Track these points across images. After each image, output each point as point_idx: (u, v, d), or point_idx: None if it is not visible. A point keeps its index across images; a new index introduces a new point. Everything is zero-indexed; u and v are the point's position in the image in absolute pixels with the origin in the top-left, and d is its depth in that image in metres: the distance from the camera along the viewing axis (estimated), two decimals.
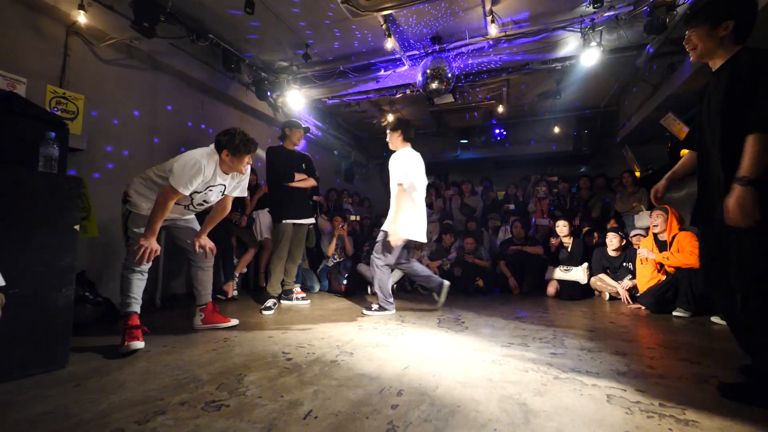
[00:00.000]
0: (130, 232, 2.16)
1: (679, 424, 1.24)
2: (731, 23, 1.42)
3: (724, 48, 1.46)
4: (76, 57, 3.03)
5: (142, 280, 2.16)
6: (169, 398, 1.44)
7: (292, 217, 3.24)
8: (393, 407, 1.36)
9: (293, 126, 3.40)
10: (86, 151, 3.01)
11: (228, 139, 2.13)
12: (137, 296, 2.13)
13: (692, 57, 1.57)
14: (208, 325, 2.51)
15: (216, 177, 2.19)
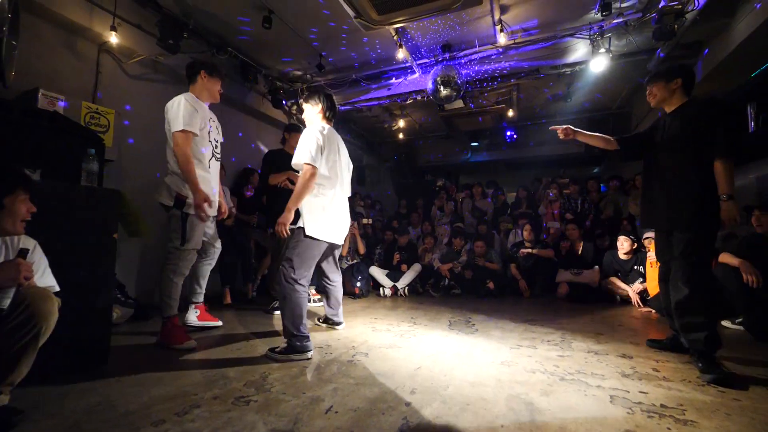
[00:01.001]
0: (187, 235, 2.19)
1: (678, 423, 1.31)
2: (680, 80, 2.02)
3: (676, 97, 2.05)
4: (106, 73, 3.24)
5: (181, 284, 2.28)
6: (202, 393, 1.58)
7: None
8: (407, 404, 1.46)
9: (293, 130, 3.40)
10: (116, 162, 3.21)
11: (197, 63, 2.34)
12: (178, 299, 2.27)
13: (653, 104, 2.16)
14: (201, 322, 2.55)
15: (205, 110, 2.31)
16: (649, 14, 3.18)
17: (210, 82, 2.34)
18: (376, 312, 3.37)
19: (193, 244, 2.25)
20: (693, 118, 1.94)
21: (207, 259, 2.55)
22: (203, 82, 2.33)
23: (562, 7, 3.36)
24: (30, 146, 1.97)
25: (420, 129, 7.34)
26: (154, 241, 3.54)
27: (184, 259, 2.24)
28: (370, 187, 8.15)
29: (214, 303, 3.53)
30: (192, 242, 2.24)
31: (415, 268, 4.57)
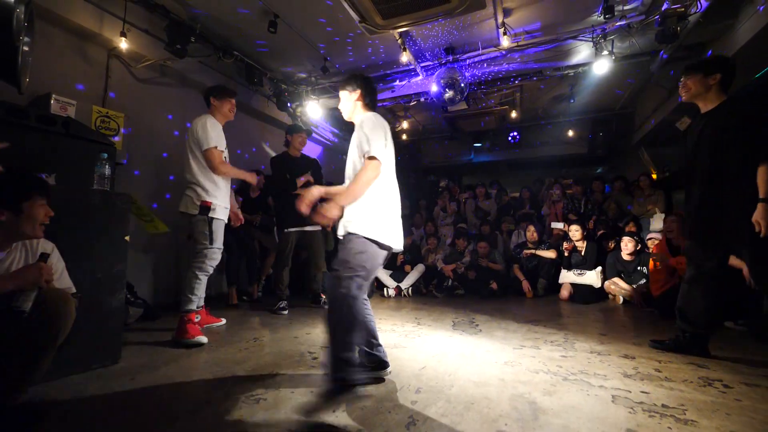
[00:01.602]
0: (214, 236, 2.43)
1: (679, 423, 1.34)
2: (719, 75, 1.89)
3: (712, 94, 1.93)
4: (116, 78, 3.30)
5: (206, 281, 2.48)
6: (213, 391, 1.63)
7: (296, 225, 3.33)
8: (413, 403, 1.50)
9: (294, 131, 3.50)
10: (125, 166, 3.27)
11: (210, 89, 2.64)
12: (199, 295, 2.44)
13: (684, 98, 2.05)
14: (205, 326, 2.67)
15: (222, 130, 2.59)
16: (651, 17, 3.20)
17: (220, 103, 2.60)
18: (380, 312, 3.40)
19: (219, 243, 2.48)
20: (733, 121, 1.81)
21: None
22: (215, 106, 2.60)
23: (564, 10, 3.38)
24: (45, 151, 2.02)
25: (423, 130, 7.37)
26: (163, 242, 3.60)
27: (211, 258, 2.44)
28: None
29: (220, 304, 3.59)
30: (218, 242, 2.46)
31: (418, 268, 4.61)
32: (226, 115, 2.64)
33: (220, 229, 2.48)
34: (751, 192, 1.76)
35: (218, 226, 2.47)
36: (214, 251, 2.45)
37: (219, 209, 2.47)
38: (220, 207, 2.48)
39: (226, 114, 2.64)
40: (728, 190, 1.84)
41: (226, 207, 2.55)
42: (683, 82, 2.02)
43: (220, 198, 2.49)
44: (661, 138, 5.44)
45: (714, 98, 1.93)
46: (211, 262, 2.45)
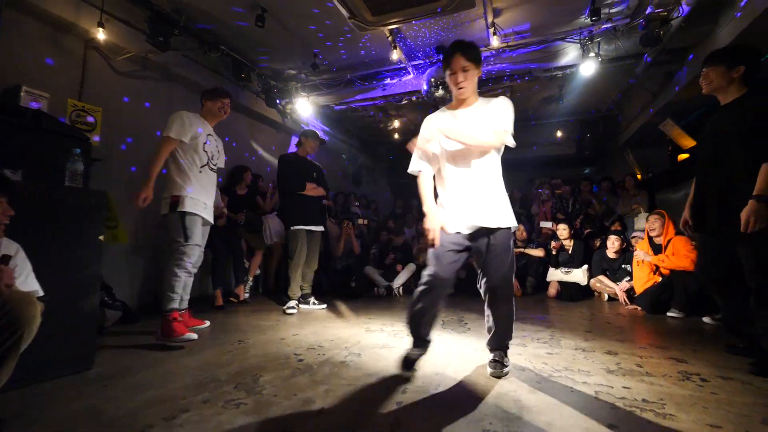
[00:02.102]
0: (188, 232, 2.33)
1: (658, 417, 1.35)
2: (743, 68, 1.78)
3: (734, 87, 1.83)
4: (93, 70, 3.18)
5: (186, 279, 2.40)
6: (191, 397, 1.57)
7: (303, 224, 3.37)
8: (398, 404, 1.48)
9: (309, 136, 3.57)
10: (103, 161, 3.16)
11: (204, 92, 2.63)
12: (180, 294, 2.37)
13: (705, 90, 1.93)
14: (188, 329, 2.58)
15: (207, 127, 2.56)
16: (636, 20, 3.24)
17: (212, 103, 2.57)
18: (370, 312, 3.38)
19: (196, 240, 2.38)
20: (752, 114, 1.73)
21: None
22: (206, 108, 2.58)
23: (553, 12, 3.41)
24: (13, 146, 1.93)
25: (416, 129, 7.29)
26: (145, 243, 3.50)
27: (188, 255, 2.34)
28: (366, 187, 8.14)
29: (205, 306, 3.51)
30: (194, 238, 2.36)
31: (409, 267, 4.59)
32: (216, 114, 2.59)
33: (195, 225, 2.38)
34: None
35: (193, 222, 2.36)
36: (192, 248, 2.35)
37: (191, 203, 2.35)
38: (192, 201, 2.36)
39: (216, 113, 2.58)
40: (739, 184, 1.77)
41: (204, 202, 2.45)
42: (705, 73, 1.90)
43: (193, 192, 2.37)
44: (645, 140, 5.55)
45: (735, 91, 1.83)
46: (190, 259, 2.35)
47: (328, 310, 3.50)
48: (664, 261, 3.26)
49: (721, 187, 1.85)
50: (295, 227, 3.35)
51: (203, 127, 2.51)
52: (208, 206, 2.51)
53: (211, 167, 2.55)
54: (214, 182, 2.58)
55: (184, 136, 2.36)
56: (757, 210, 1.65)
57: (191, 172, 2.39)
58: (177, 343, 2.22)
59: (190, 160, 2.41)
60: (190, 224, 2.34)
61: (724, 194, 1.83)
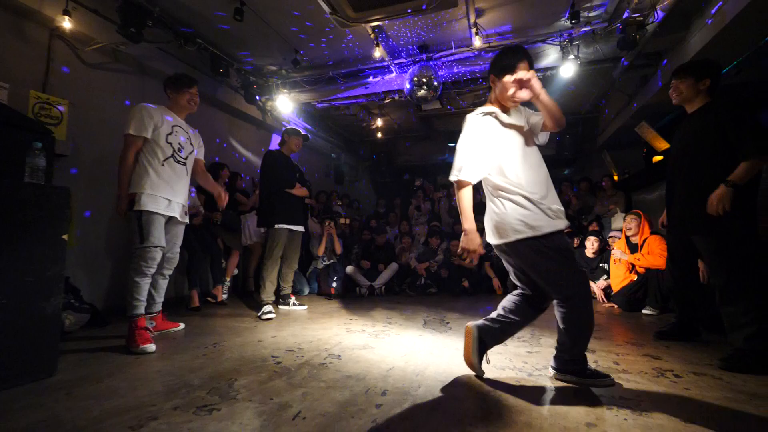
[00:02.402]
0: (144, 233, 2.19)
1: (635, 414, 1.37)
2: (709, 81, 1.99)
3: (700, 97, 2.02)
4: (60, 61, 3.01)
5: (148, 283, 2.27)
6: (161, 404, 1.49)
7: (288, 223, 3.27)
8: (377, 406, 1.44)
9: (292, 133, 3.46)
10: (71, 157, 3.00)
11: (166, 80, 2.45)
12: (144, 298, 2.25)
13: (675, 101, 2.11)
14: (158, 332, 2.49)
15: (172, 118, 2.40)
16: (614, 24, 3.32)
17: (176, 95, 2.43)
18: (351, 312, 3.33)
19: (155, 241, 2.22)
20: (719, 121, 1.89)
21: (160, 269, 2.44)
22: (172, 98, 2.44)
23: (534, 13, 3.45)
24: None
25: (399, 129, 7.35)
26: (117, 243, 3.35)
27: (145, 258, 2.20)
28: (349, 186, 8.08)
29: (180, 307, 3.38)
30: (151, 239, 2.21)
31: (392, 267, 4.57)
32: (185, 106, 2.44)
33: (153, 225, 2.22)
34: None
35: (150, 221, 2.21)
36: (148, 250, 2.20)
37: (148, 200, 2.20)
38: (150, 197, 2.21)
39: (185, 106, 2.44)
40: (705, 182, 1.91)
41: (166, 198, 2.28)
42: (675, 85, 2.08)
43: (152, 188, 2.22)
44: (622, 141, 5.71)
45: (700, 101, 2.03)
46: (148, 262, 2.21)
47: (308, 310, 3.44)
48: (640, 260, 3.35)
49: (688, 186, 2.01)
50: (279, 225, 3.23)
51: (168, 118, 2.36)
52: (174, 202, 2.34)
53: (177, 159, 2.36)
54: (182, 176, 2.40)
55: (145, 131, 2.22)
56: (725, 193, 1.79)
57: (151, 167, 2.24)
58: (135, 353, 2.09)
59: (150, 154, 2.26)
60: (147, 224, 2.19)
61: (691, 193, 1.98)
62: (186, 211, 2.50)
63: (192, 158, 2.52)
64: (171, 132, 2.35)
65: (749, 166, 1.79)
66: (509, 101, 1.65)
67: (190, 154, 2.48)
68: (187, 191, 2.48)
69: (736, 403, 1.45)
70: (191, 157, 2.51)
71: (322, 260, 4.51)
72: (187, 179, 2.47)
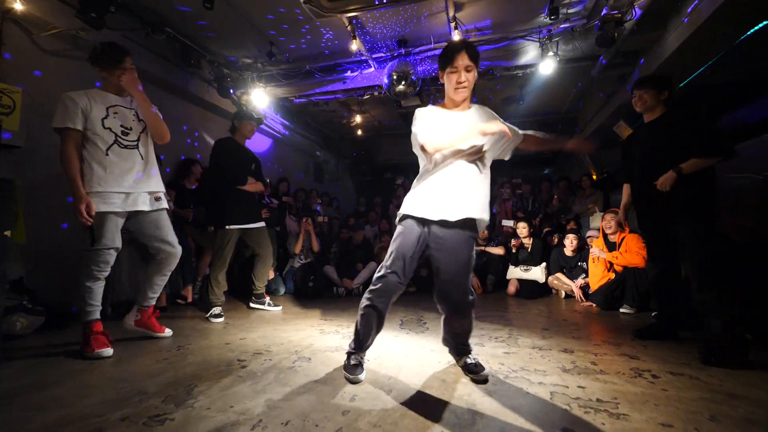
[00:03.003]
0: (96, 234, 2.01)
1: (612, 417, 1.32)
2: (667, 92, 2.22)
3: (659, 107, 2.25)
4: (12, 46, 2.80)
5: (101, 287, 2.11)
6: (109, 414, 1.37)
7: (240, 222, 3.01)
8: (344, 413, 1.36)
9: (243, 117, 3.10)
10: (24, 149, 2.79)
11: (91, 55, 2.12)
12: (99, 303, 2.10)
13: (639, 109, 2.32)
14: (139, 327, 2.33)
15: (105, 99, 2.12)
16: (592, 21, 3.33)
17: (107, 73, 2.12)
18: (327, 313, 3.23)
19: (107, 242, 2.05)
20: (679, 127, 2.13)
21: (155, 263, 2.28)
22: (103, 75, 2.14)
23: (513, 9, 3.42)
24: None
25: (379, 126, 7.26)
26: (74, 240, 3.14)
27: (96, 262, 2.04)
28: (329, 184, 7.95)
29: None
30: (103, 240, 2.03)
31: (370, 266, 4.48)
32: (116, 85, 2.13)
33: (105, 224, 2.03)
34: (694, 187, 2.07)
35: (101, 220, 2.02)
36: (99, 253, 2.03)
37: (99, 199, 2.00)
38: (100, 195, 2.01)
39: (116, 84, 2.12)
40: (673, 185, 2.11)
41: (120, 192, 2.06)
42: (639, 95, 2.28)
43: (100, 185, 2.02)
44: (600, 140, 5.79)
45: (659, 110, 2.26)
46: (99, 266, 2.04)
47: (282, 311, 3.31)
48: (618, 258, 3.37)
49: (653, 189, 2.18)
50: (230, 226, 2.97)
51: (99, 101, 2.08)
52: (134, 194, 2.11)
53: (123, 144, 2.11)
54: (137, 161, 2.14)
55: (71, 121, 1.97)
56: (670, 176, 2.07)
57: (94, 161, 2.02)
58: (90, 359, 1.95)
59: (90, 147, 2.02)
60: (98, 224, 2.00)
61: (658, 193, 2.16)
62: (158, 196, 2.23)
63: (148, 138, 2.23)
64: (107, 115, 2.08)
65: (698, 162, 2.05)
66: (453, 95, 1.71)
67: (141, 133, 2.19)
68: (149, 176, 2.20)
69: (714, 404, 1.44)
70: (145, 137, 2.21)
71: (299, 259, 4.38)
72: (145, 163, 2.18)
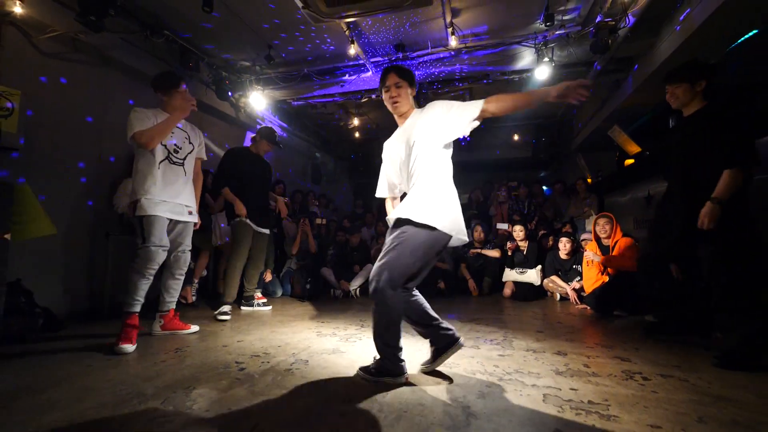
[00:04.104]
0: (146, 233, 2.27)
1: (602, 419, 1.35)
2: (704, 82, 1.96)
3: (697, 99, 2.00)
4: (11, 49, 2.81)
5: (148, 285, 2.33)
6: (107, 416, 1.38)
7: (253, 221, 3.17)
8: (341, 415, 1.38)
9: (264, 137, 3.34)
10: (22, 151, 2.80)
11: (153, 81, 2.44)
12: (142, 298, 2.31)
13: (674, 105, 2.07)
14: (167, 331, 2.53)
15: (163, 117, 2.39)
16: (587, 28, 3.38)
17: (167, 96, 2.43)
18: (324, 315, 3.25)
19: (156, 241, 2.29)
20: (716, 125, 1.89)
21: (171, 270, 2.53)
22: (165, 102, 2.44)
23: (509, 15, 3.47)
24: None
25: (377, 128, 7.29)
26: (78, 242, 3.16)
27: (146, 258, 2.27)
28: (326, 186, 7.97)
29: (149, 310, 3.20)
30: (153, 239, 2.28)
31: (367, 268, 4.50)
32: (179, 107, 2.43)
33: (154, 225, 2.29)
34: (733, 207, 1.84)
35: (150, 222, 2.29)
36: (149, 250, 2.28)
37: (147, 204, 2.29)
38: (150, 201, 2.30)
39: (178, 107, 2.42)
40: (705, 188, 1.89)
41: (166, 200, 2.37)
42: (671, 91, 2.05)
43: (151, 193, 2.31)
44: (596, 145, 5.86)
45: (697, 103, 2.01)
46: (147, 262, 2.27)
47: (279, 313, 3.33)
48: (611, 261, 3.41)
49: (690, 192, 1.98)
50: (239, 218, 3.12)
51: (159, 119, 2.35)
52: (176, 204, 2.42)
53: (173, 161, 2.43)
54: (180, 177, 2.45)
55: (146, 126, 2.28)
56: (711, 210, 1.81)
57: (148, 172, 2.32)
58: (117, 353, 2.08)
59: (147, 159, 2.33)
60: (148, 225, 2.28)
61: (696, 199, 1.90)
62: (191, 210, 2.53)
63: (191, 159, 2.56)
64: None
65: (730, 177, 1.79)
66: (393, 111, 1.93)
67: (189, 155, 2.52)
68: (189, 192, 2.52)
69: (702, 406, 1.47)
70: (190, 158, 2.54)
71: (296, 260, 4.40)
72: (187, 179, 2.51)
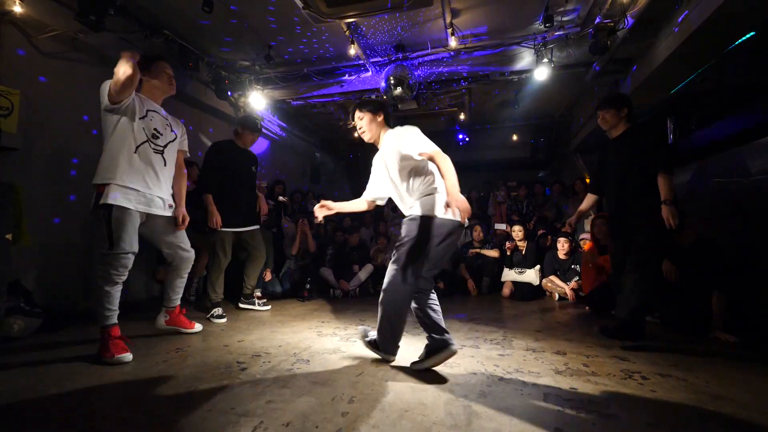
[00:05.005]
0: (114, 236, 1.93)
1: (602, 418, 1.37)
2: (626, 109, 2.38)
3: (621, 123, 2.41)
4: (10, 48, 2.80)
5: (119, 291, 2.05)
6: (108, 417, 1.38)
7: (233, 225, 3.04)
8: (343, 415, 1.39)
9: (246, 127, 3.16)
10: (21, 151, 2.79)
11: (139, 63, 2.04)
12: (116, 307, 2.03)
13: (604, 127, 2.47)
14: (171, 326, 2.47)
15: (146, 102, 2.14)
16: (586, 29, 3.40)
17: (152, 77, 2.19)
18: (324, 315, 3.26)
19: (125, 246, 1.96)
20: (640, 143, 2.31)
21: (177, 269, 2.38)
22: (147, 80, 2.16)
23: (509, 16, 3.48)
24: None
25: None
26: (75, 242, 3.15)
27: (115, 266, 1.96)
28: (326, 185, 7.97)
29: (149, 310, 3.20)
30: (122, 244, 1.94)
31: (366, 268, 4.51)
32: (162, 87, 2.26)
33: (124, 226, 1.93)
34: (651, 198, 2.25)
35: (121, 221, 1.92)
36: (117, 257, 1.94)
37: (120, 192, 1.92)
38: (121, 189, 1.93)
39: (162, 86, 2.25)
40: (634, 196, 2.31)
41: (140, 190, 2.00)
42: (601, 116, 2.45)
43: (123, 178, 1.93)
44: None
45: (622, 126, 2.42)
46: (118, 270, 1.97)
47: (279, 313, 3.34)
48: (608, 261, 3.42)
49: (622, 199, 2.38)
50: (221, 228, 3.00)
51: (142, 101, 2.10)
52: (152, 197, 2.07)
53: (153, 147, 2.09)
54: (160, 167, 2.12)
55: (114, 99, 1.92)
56: (669, 211, 2.15)
57: (121, 154, 1.95)
58: (110, 364, 1.91)
59: (120, 138, 1.97)
60: (117, 225, 1.91)
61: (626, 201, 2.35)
62: (170, 204, 2.23)
63: (173, 149, 2.24)
64: (144, 115, 2.06)
65: (668, 181, 2.19)
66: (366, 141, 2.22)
67: (170, 144, 2.20)
68: (168, 185, 2.21)
69: (700, 404, 1.48)
70: (172, 147, 2.22)
71: (295, 260, 4.40)
72: (166, 171, 2.18)
